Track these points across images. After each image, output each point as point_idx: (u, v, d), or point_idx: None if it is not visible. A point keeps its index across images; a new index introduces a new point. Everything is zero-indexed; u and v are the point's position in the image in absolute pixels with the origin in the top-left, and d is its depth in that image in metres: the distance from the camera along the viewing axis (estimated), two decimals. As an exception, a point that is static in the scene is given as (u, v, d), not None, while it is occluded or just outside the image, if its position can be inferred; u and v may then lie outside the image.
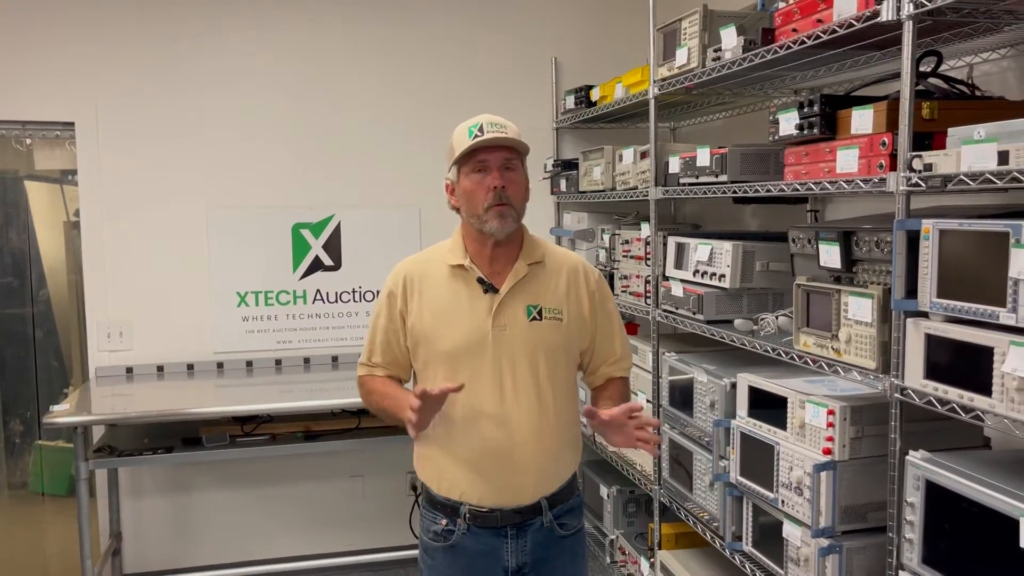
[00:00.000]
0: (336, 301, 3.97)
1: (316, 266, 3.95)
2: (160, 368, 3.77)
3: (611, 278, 3.53)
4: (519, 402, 1.94)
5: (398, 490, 4.02)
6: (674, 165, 2.85)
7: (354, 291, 3.98)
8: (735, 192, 2.49)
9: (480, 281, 1.96)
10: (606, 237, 3.59)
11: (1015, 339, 1.50)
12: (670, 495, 2.99)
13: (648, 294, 3.10)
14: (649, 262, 3.10)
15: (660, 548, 3.10)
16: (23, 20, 3.57)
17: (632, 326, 4.02)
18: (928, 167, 1.69)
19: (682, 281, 2.85)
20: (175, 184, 3.77)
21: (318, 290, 3.96)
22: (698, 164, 2.66)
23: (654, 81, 2.96)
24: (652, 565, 3.14)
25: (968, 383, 1.61)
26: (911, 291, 1.75)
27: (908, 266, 1.75)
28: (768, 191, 2.31)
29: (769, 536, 2.32)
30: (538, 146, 4.14)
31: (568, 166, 3.91)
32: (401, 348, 2.05)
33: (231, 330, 3.85)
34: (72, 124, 3.65)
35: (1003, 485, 1.56)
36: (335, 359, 3.96)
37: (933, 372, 1.71)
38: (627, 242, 3.38)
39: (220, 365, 3.84)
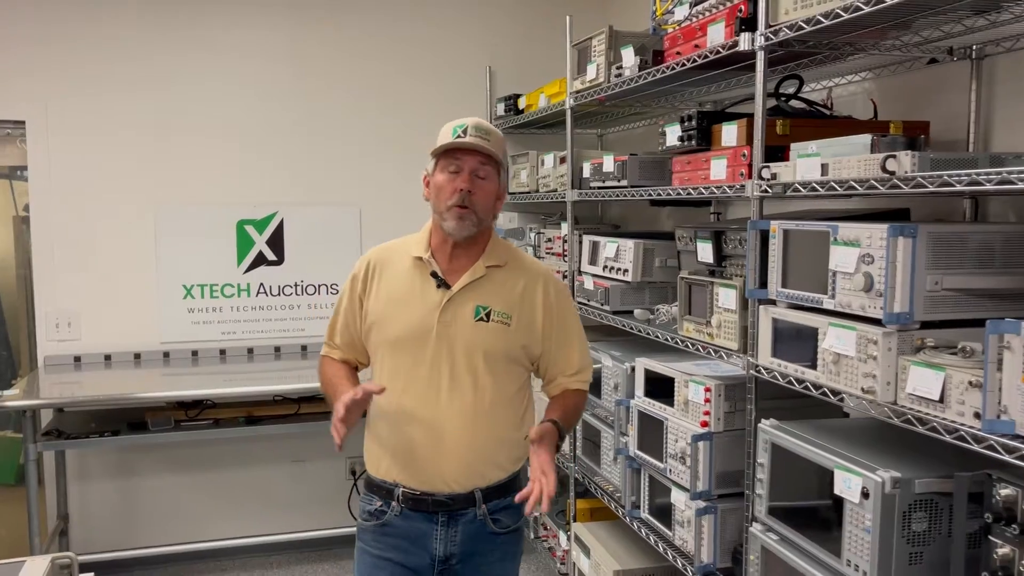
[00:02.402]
0: (279, 294, 4.18)
1: (260, 261, 4.15)
2: (108, 357, 3.93)
3: (536, 274, 3.79)
4: (453, 396, 1.97)
5: (337, 474, 4.24)
6: (587, 170, 3.13)
7: (296, 285, 4.19)
8: (634, 196, 2.77)
9: (434, 275, 2.00)
10: (533, 235, 3.87)
11: (833, 320, 1.79)
12: (583, 471, 3.26)
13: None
14: (567, 258, 3.37)
15: (575, 521, 3.37)
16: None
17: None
18: (774, 176, 1.98)
19: (593, 275, 3.13)
20: (123, 181, 3.93)
21: (261, 284, 4.15)
22: (604, 170, 2.94)
23: (570, 93, 3.24)
24: (568, 537, 3.42)
25: (801, 358, 1.91)
26: (763, 282, 2.04)
27: (761, 260, 2.04)
28: (659, 195, 2.59)
29: (662, 501, 2.61)
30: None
31: (500, 169, 4.16)
32: (357, 331, 2.09)
33: (177, 321, 4.03)
34: (23, 123, 3.80)
35: (827, 444, 1.86)
36: (277, 349, 4.16)
37: (778, 350, 2.00)
38: (550, 240, 3.66)
39: (166, 354, 4.02)
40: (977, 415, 1.44)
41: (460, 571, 2.04)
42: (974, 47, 2.13)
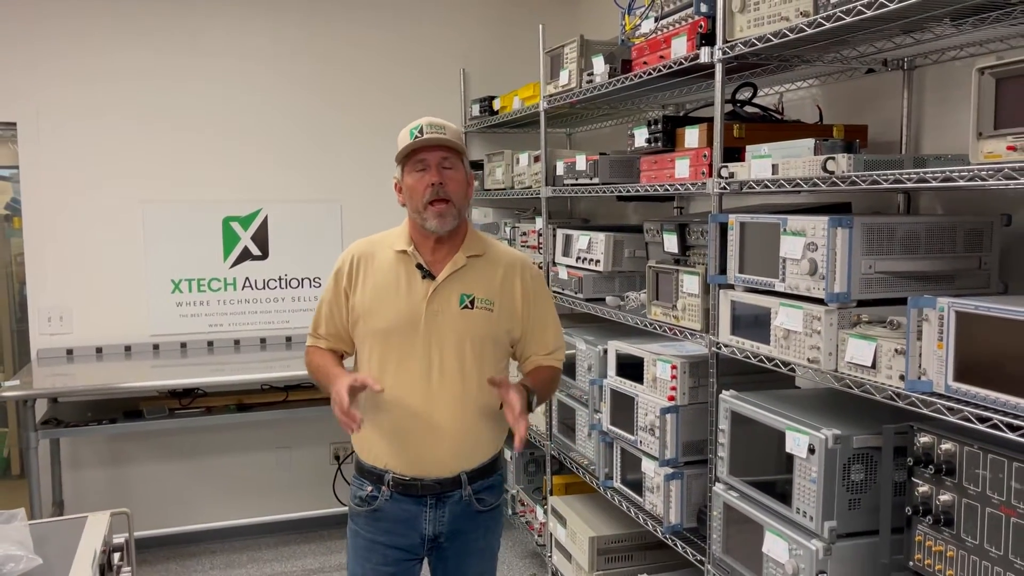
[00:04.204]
0: (264, 288, 4.35)
1: (245, 256, 4.32)
2: (99, 350, 4.08)
3: (512, 265, 4.02)
4: (444, 382, 2.07)
5: (321, 460, 4.44)
6: (560, 168, 3.37)
7: (280, 279, 4.37)
8: (604, 192, 3.01)
9: (419, 267, 2.09)
10: (508, 229, 4.09)
11: (783, 301, 2.05)
12: (559, 448, 3.51)
13: (541, 278, 3.61)
14: (542, 251, 3.61)
15: (552, 495, 3.62)
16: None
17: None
18: (732, 175, 2.23)
19: (567, 266, 3.37)
20: (112, 180, 4.06)
21: (247, 278, 4.32)
22: (577, 168, 3.18)
23: (544, 96, 3.47)
24: (545, 511, 3.66)
25: (756, 336, 2.16)
26: (723, 269, 2.30)
27: (721, 249, 2.29)
28: (628, 191, 2.84)
29: (632, 472, 2.86)
30: (448, 148, 4.62)
31: (475, 166, 4.39)
32: (342, 322, 2.18)
33: (166, 314, 4.19)
34: (14, 124, 3.92)
35: (779, 409, 2.12)
36: (263, 341, 4.34)
37: (736, 329, 2.26)
38: (525, 234, 3.89)
39: (156, 347, 4.17)
40: (902, 377, 1.71)
41: (448, 547, 2.18)
42: (905, 59, 2.41)
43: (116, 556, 1.84)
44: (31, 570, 1.59)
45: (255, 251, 4.34)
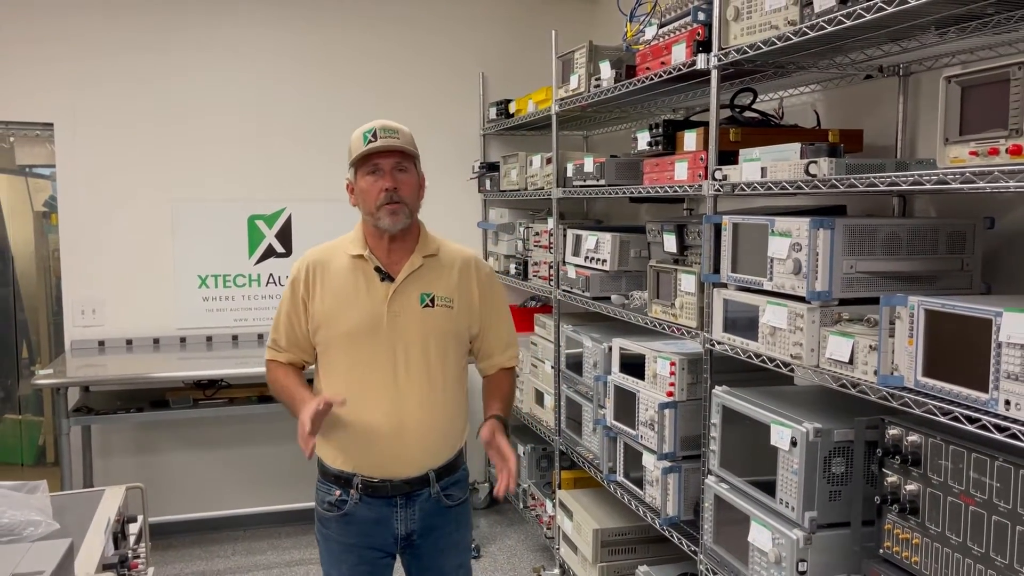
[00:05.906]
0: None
1: (269, 253, 4.47)
2: (129, 342, 4.25)
3: (526, 265, 4.13)
4: (410, 382, 2.09)
5: (341, 452, 4.57)
6: (570, 170, 3.46)
7: (303, 275, 4.51)
8: (610, 193, 3.10)
9: (377, 270, 2.11)
10: (522, 230, 4.19)
11: (770, 299, 2.13)
12: (567, 443, 3.60)
13: (551, 277, 3.70)
14: (553, 250, 3.70)
15: (560, 489, 3.71)
16: (7, 29, 4.01)
17: (547, 308, 4.64)
18: (725, 177, 2.31)
19: (576, 265, 3.46)
20: (143, 179, 4.24)
21: (271, 274, 4.47)
22: (585, 170, 3.27)
23: (555, 100, 3.56)
24: (554, 505, 3.75)
25: (746, 332, 2.24)
26: (717, 268, 2.37)
27: (715, 249, 2.37)
28: (632, 193, 2.92)
29: (635, 467, 2.94)
30: (467, 149, 4.75)
31: (492, 168, 4.49)
32: (302, 331, 2.17)
33: (193, 308, 4.35)
34: (51, 124, 4.11)
35: (767, 404, 2.19)
36: (286, 335, 4.48)
37: (728, 327, 2.34)
38: (537, 234, 3.98)
39: (183, 339, 4.34)
40: (876, 372, 1.78)
41: (421, 544, 2.21)
42: (900, 66, 2.47)
43: (132, 527, 1.97)
44: (49, 534, 1.72)
45: (279, 248, 4.48)
